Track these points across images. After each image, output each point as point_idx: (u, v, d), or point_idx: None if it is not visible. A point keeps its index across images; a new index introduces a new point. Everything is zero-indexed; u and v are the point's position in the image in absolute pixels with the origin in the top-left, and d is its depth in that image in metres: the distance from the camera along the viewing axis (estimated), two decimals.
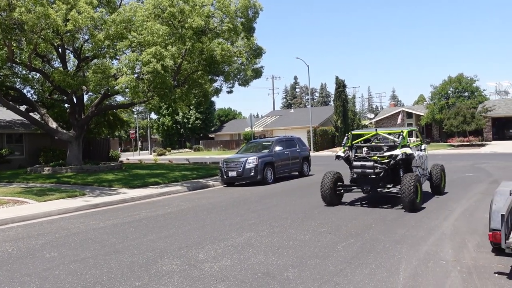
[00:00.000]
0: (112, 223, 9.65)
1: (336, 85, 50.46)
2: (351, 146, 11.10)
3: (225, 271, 5.76)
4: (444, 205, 10.08)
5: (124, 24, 16.24)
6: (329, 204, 10.66)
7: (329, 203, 10.66)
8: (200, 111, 62.25)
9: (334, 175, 10.72)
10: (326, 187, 10.53)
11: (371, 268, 5.66)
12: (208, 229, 8.54)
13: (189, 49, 17.06)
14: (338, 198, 10.84)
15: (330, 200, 10.59)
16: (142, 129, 73.51)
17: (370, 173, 10.25)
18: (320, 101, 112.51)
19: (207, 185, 16.78)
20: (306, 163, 19.38)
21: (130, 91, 16.39)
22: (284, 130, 52.91)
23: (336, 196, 10.74)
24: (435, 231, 7.58)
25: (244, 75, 21.06)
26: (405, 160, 10.31)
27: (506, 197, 5.77)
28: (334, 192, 10.63)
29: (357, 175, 10.63)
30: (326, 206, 10.61)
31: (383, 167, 10.19)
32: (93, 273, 5.90)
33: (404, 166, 10.57)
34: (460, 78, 45.06)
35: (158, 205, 12.28)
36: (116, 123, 28.59)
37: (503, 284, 4.91)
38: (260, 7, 19.86)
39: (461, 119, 39.62)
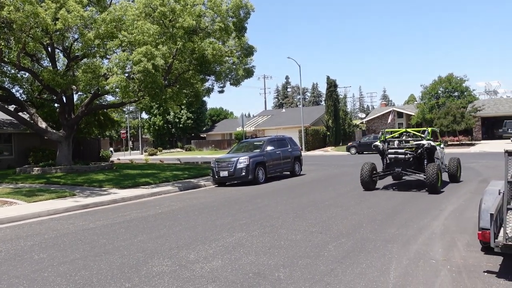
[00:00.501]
0: (102, 224, 9.58)
1: (328, 85, 50.63)
2: (384, 140, 13.80)
3: (216, 271, 5.74)
4: (438, 204, 10.15)
5: (115, 23, 16.13)
6: (366, 188, 13.06)
7: (366, 188, 13.07)
8: (192, 110, 62.04)
9: (370, 165, 13.30)
10: (365, 175, 12.99)
11: (362, 267, 5.67)
12: (199, 229, 8.51)
13: (180, 48, 17.01)
14: (373, 184, 13.33)
15: (367, 185, 13.04)
16: (133, 128, 73.11)
17: (402, 158, 13.05)
18: (311, 100, 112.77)
19: (199, 185, 16.73)
20: (297, 163, 19.41)
21: (121, 91, 16.29)
22: (276, 129, 52.96)
23: (372, 182, 13.21)
24: (425, 230, 7.62)
25: (236, 75, 21.05)
26: (429, 150, 12.92)
27: (495, 197, 5.82)
28: (371, 179, 13.11)
29: (390, 160, 13.37)
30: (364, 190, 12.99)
31: (412, 154, 12.98)
32: (82, 275, 5.84)
33: (428, 156, 13.03)
34: (450, 78, 45.44)
35: (149, 206, 12.21)
36: (107, 123, 28.39)
37: (492, 283, 4.95)
38: (252, 8, 19.84)
39: (451, 118, 39.98)
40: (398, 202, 10.74)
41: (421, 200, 10.91)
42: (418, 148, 12.93)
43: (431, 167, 11.92)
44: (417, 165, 13.17)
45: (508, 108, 45.23)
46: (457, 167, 14.25)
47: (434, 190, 11.77)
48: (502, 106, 46.64)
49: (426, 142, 12.80)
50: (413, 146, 13.12)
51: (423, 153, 12.96)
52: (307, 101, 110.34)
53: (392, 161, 13.33)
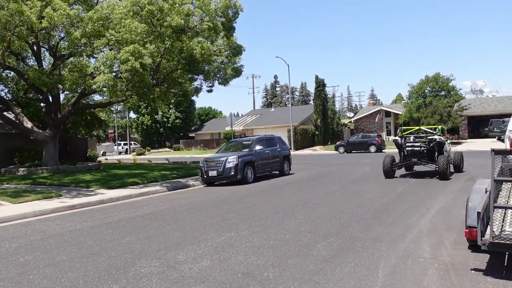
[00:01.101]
0: (89, 225, 9.47)
1: (316, 84, 50.81)
2: (402, 136, 16.37)
3: (205, 272, 5.70)
4: (426, 202, 10.23)
5: (102, 21, 15.95)
6: (388, 176, 15.56)
7: (387, 176, 15.58)
8: (180, 110, 61.78)
9: (391, 157, 15.86)
10: (387, 165, 15.56)
11: (350, 266, 5.68)
12: (187, 229, 8.46)
13: (168, 47, 16.88)
14: (393, 172, 15.76)
15: (388, 174, 15.57)
16: (121, 128, 72.54)
17: (417, 150, 15.60)
18: (300, 100, 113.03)
19: (187, 185, 16.66)
20: (286, 162, 19.43)
21: (108, 90, 16.12)
22: (265, 129, 52.97)
23: (392, 171, 15.66)
24: (413, 228, 7.67)
25: (224, 74, 20.99)
26: (439, 144, 15.46)
27: (481, 195, 5.86)
28: (391, 168, 15.60)
29: (408, 152, 15.87)
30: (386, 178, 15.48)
31: (425, 147, 15.51)
32: (69, 277, 5.76)
33: (438, 149, 15.50)
34: (436, 77, 45.90)
35: (137, 206, 12.11)
36: (94, 122, 28.10)
37: (479, 280, 4.99)
38: (240, 8, 19.79)
39: (437, 117, 40.37)
40: (386, 201, 10.80)
41: (408, 198, 10.99)
42: (431, 142, 15.47)
43: (442, 158, 14.42)
44: (430, 156, 15.58)
45: (493, 107, 45.84)
46: (460, 159, 16.75)
47: (444, 177, 14.23)
48: (488, 105, 47.26)
49: (437, 137, 15.46)
50: (426, 140, 15.72)
51: (434, 146, 15.42)
52: (296, 100, 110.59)
53: (409, 153, 15.84)
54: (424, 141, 15.86)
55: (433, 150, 15.49)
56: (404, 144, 15.99)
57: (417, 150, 15.62)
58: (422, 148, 15.57)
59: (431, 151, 15.53)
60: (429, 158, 15.58)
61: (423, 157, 15.56)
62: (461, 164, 16.82)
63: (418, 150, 15.61)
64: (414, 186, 13.38)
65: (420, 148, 15.60)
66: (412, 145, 15.83)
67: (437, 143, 15.41)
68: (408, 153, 15.88)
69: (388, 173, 15.57)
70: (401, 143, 16.09)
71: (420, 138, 16.47)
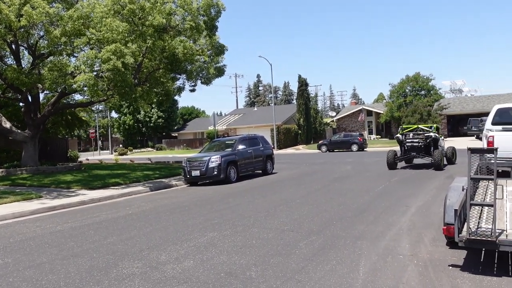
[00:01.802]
0: (70, 226, 9.36)
1: (299, 84, 51.08)
2: (402, 133, 18.99)
3: (188, 272, 5.70)
4: (402, 201, 10.40)
5: (82, 20, 15.76)
6: (391, 168, 17.90)
7: (390, 168, 17.92)
8: (163, 109, 61.39)
9: (393, 152, 18.35)
10: (390, 159, 17.99)
11: (332, 264, 5.76)
12: (170, 230, 8.44)
13: (150, 47, 16.76)
14: (395, 164, 18.14)
15: (391, 166, 17.93)
16: (103, 128, 71.66)
17: (416, 145, 18.24)
18: (283, 99, 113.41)
19: (170, 185, 16.58)
20: (269, 161, 19.50)
21: (89, 90, 15.93)
22: (248, 128, 53.01)
23: (394, 163, 18.07)
24: (393, 226, 7.81)
25: (207, 74, 20.91)
26: (434, 140, 18.02)
27: (459, 193, 6.00)
28: (394, 161, 18.00)
29: (407, 147, 18.51)
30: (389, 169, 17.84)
31: (423, 143, 18.12)
32: (49, 279, 5.70)
33: (433, 145, 18.02)
34: (417, 77, 46.60)
35: (119, 206, 12.02)
36: (75, 122, 27.76)
37: (456, 276, 5.12)
38: (223, 7, 19.76)
39: (418, 116, 41.00)
40: (367, 199, 10.95)
41: (389, 197, 11.16)
42: (427, 138, 18.05)
43: (436, 152, 17.04)
44: (426, 151, 18.13)
45: (472, 107, 46.78)
46: (453, 153, 19.29)
47: (439, 168, 16.77)
48: (467, 105, 48.21)
49: (433, 134, 18.03)
50: (424, 137, 18.20)
51: (430, 142, 18.00)
52: (279, 99, 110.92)
53: (409, 148, 18.50)
54: (421, 137, 18.26)
55: (429, 145, 18.03)
56: (405, 140, 18.59)
57: (415, 145, 18.27)
58: (420, 144, 18.17)
59: (428, 146, 18.10)
60: (426, 152, 18.17)
61: (420, 151, 18.24)
62: (453, 157, 19.26)
63: (416, 145, 18.24)
64: (395, 184, 13.59)
65: (418, 143, 18.21)
66: (411, 141, 18.42)
67: (433, 139, 17.95)
68: (408, 148, 18.55)
69: (391, 165, 18.02)
70: (402, 139, 18.71)
71: (418, 135, 18.64)
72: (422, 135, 18.40)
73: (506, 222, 5.49)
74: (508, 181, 7.77)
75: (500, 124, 11.10)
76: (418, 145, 18.23)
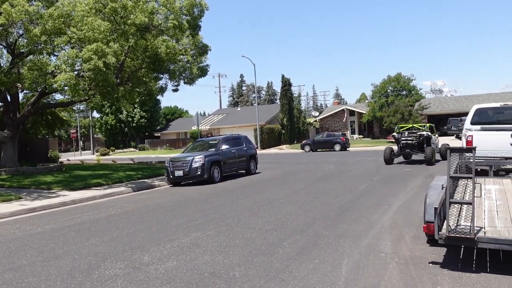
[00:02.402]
0: (51, 228, 9.23)
1: (282, 84, 51.21)
2: (399, 132, 20.96)
3: (171, 272, 5.68)
4: (384, 200, 10.54)
5: (63, 19, 15.54)
6: (387, 163, 19.67)
7: (387, 163, 19.66)
8: (145, 109, 60.88)
9: (390, 149, 20.15)
10: (387, 155, 19.80)
11: (315, 263, 5.80)
12: (153, 230, 8.39)
13: (132, 46, 16.62)
14: (392, 160, 19.85)
15: (388, 161, 19.71)
16: (84, 128, 70.71)
17: (410, 143, 19.87)
18: (266, 99, 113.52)
19: (153, 185, 16.47)
20: (253, 161, 19.52)
21: (70, 89, 15.74)
22: (231, 128, 52.95)
23: (391, 159, 19.77)
24: (375, 224, 7.90)
25: (190, 73, 20.83)
26: (427, 138, 19.64)
27: (438, 191, 6.11)
28: (390, 157, 19.77)
29: (403, 145, 20.10)
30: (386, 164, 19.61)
31: (416, 140, 19.77)
32: (30, 282, 5.61)
33: (426, 142, 19.54)
34: (398, 77, 47.20)
35: (101, 207, 11.89)
36: (55, 122, 27.33)
37: (436, 273, 5.22)
38: (206, 6, 19.73)
39: (399, 116, 41.53)
40: (350, 198, 11.06)
41: (371, 196, 11.29)
42: (420, 136, 19.73)
43: (428, 149, 18.67)
44: (420, 148, 19.73)
45: (452, 106, 47.62)
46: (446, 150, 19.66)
47: (431, 163, 18.28)
48: (447, 104, 49.05)
49: (425, 133, 19.88)
50: (417, 135, 19.90)
51: (423, 140, 19.62)
52: (262, 99, 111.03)
53: (404, 145, 20.12)
54: (415, 136, 19.98)
55: (422, 143, 19.65)
56: (400, 138, 20.35)
57: (409, 143, 19.96)
58: (413, 141, 19.87)
59: (421, 144, 19.71)
60: (419, 149, 19.79)
61: (414, 148, 19.95)
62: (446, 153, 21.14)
63: (410, 143, 19.92)
64: (377, 184, 13.75)
65: (412, 141, 19.91)
66: (405, 139, 20.16)
67: (426, 137, 19.66)
68: (403, 145, 20.18)
69: (387, 161, 19.79)
70: (398, 137, 20.50)
71: (412, 133, 20.36)
72: (416, 134, 20.08)
73: (484, 219, 5.62)
74: (486, 180, 7.96)
75: (479, 123, 11.34)
76: (412, 142, 19.85)
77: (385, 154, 19.96)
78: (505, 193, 6.89)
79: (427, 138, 19.69)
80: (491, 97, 46.89)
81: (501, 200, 6.52)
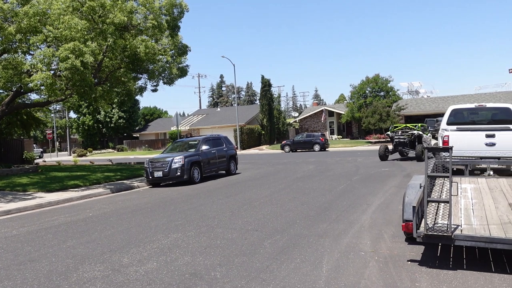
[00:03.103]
0: (27, 230, 9.02)
1: (262, 84, 51.30)
2: (393, 131, 22.86)
3: (151, 274, 5.63)
4: (363, 199, 10.66)
5: (38, 17, 15.20)
6: (382, 159, 21.60)
7: (382, 159, 21.58)
8: (124, 110, 60.14)
9: (385, 146, 22.19)
10: (382, 151, 21.76)
11: (296, 262, 5.83)
12: (133, 231, 8.29)
13: (110, 45, 16.39)
14: (386, 157, 21.84)
15: (382, 157, 21.61)
16: (60, 128, 69.40)
17: (403, 141, 21.75)
18: (246, 99, 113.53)
19: (132, 186, 16.27)
20: (233, 162, 19.49)
21: (46, 89, 15.40)
22: (211, 128, 52.77)
23: (385, 155, 21.75)
24: (355, 224, 7.99)
25: (169, 74, 20.69)
26: (418, 137, 21.32)
27: (416, 190, 6.22)
28: (384, 154, 21.72)
29: (396, 143, 21.96)
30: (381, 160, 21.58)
31: (408, 139, 21.60)
32: (5, 286, 5.47)
33: (418, 140, 21.25)
34: (376, 78, 47.85)
35: (78, 209, 11.68)
36: (31, 122, 26.71)
37: (415, 271, 5.31)
38: (186, 7, 19.62)
39: (377, 117, 42.13)
40: (330, 198, 11.15)
41: (350, 195, 11.40)
42: (412, 135, 21.54)
43: (418, 146, 20.33)
44: (412, 145, 21.59)
45: (428, 107, 48.50)
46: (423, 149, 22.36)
47: (420, 160, 19.58)
48: (423, 105, 49.93)
49: (416, 132, 21.50)
50: (409, 134, 21.67)
51: (415, 138, 21.45)
52: (242, 100, 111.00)
53: (397, 143, 21.98)
54: (408, 134, 21.78)
55: (414, 141, 21.43)
56: (394, 137, 22.26)
57: (402, 141, 21.85)
58: (405, 140, 21.75)
59: (413, 142, 21.54)
60: (411, 146, 21.70)
61: (406, 145, 21.80)
62: None
63: (403, 141, 21.81)
64: (356, 183, 13.90)
65: (404, 139, 21.78)
66: (398, 137, 22.06)
67: (417, 136, 21.42)
68: (396, 143, 22.06)
69: (382, 157, 21.77)
70: (391, 136, 22.51)
71: (405, 132, 22.11)
72: (408, 133, 21.93)
73: (461, 218, 5.74)
74: (462, 179, 8.13)
75: (454, 124, 11.58)
76: (404, 140, 21.76)
77: (380, 151, 21.81)
78: (480, 192, 7.06)
79: (418, 136, 21.25)
80: (465, 98, 47.99)
81: (477, 198, 6.67)
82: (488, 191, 7.09)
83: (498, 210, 6.00)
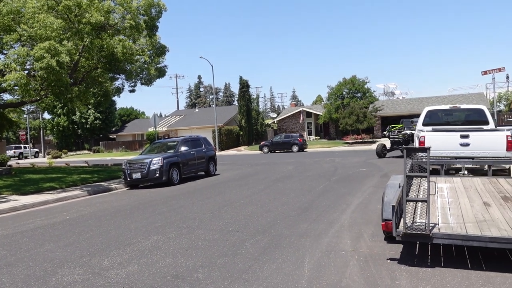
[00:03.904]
0: (1, 234, 8.79)
1: (240, 85, 51.31)
2: (390, 130, 24.70)
3: (132, 277, 5.57)
4: (343, 199, 10.80)
5: (12, 15, 14.86)
6: (379, 157, 23.73)
7: (379, 157, 23.74)
8: (100, 110, 59.12)
9: (382, 144, 24.49)
10: (379, 150, 24.06)
11: (278, 263, 5.86)
12: (112, 234, 8.18)
13: (87, 45, 16.12)
14: (383, 155, 23.89)
15: (379, 155, 23.78)
16: (34, 130, 67.79)
17: (398, 140, 22.84)
18: (224, 100, 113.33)
19: (109, 188, 16.04)
20: (212, 163, 19.44)
21: (20, 89, 15.03)
22: (189, 129, 52.46)
23: (383, 154, 23.86)
24: (335, 223, 8.08)
25: (147, 74, 20.49)
26: (412, 136, 20.31)
27: (395, 190, 6.34)
28: (381, 152, 23.92)
29: (393, 141, 23.27)
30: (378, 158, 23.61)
31: (403, 138, 22.24)
32: None
33: (412, 139, 20.48)
34: (353, 79, 48.51)
35: (55, 212, 11.45)
36: (4, 123, 25.96)
37: (394, 269, 5.41)
38: (164, 7, 19.46)
39: (354, 118, 42.69)
40: (309, 198, 11.24)
41: (330, 195, 11.52)
42: (406, 135, 22.19)
43: (412, 145, 19.18)
44: (406, 144, 21.77)
45: (404, 108, 49.37)
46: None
47: None
48: (399, 106, 50.81)
49: (410, 132, 21.83)
50: (404, 134, 22.57)
51: (409, 137, 21.68)
52: (220, 101, 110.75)
53: (392, 141, 23.51)
54: (403, 134, 22.88)
55: (409, 140, 21.83)
56: (390, 136, 23.99)
57: (397, 140, 23.13)
58: (400, 139, 22.85)
59: (407, 141, 22.04)
60: (406, 145, 21.81)
61: (401, 144, 22.60)
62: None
63: (397, 140, 23.01)
64: (335, 184, 14.06)
65: (399, 138, 22.96)
66: (393, 136, 23.62)
67: (411, 136, 21.70)
68: (392, 142, 23.70)
69: (379, 155, 23.89)
70: (388, 135, 24.41)
71: (400, 132, 23.55)
72: (402, 132, 23.11)
73: (438, 216, 5.89)
74: (438, 178, 8.33)
75: (430, 125, 11.85)
76: (399, 139, 22.97)
77: (377, 149, 24.08)
78: (455, 191, 7.25)
79: (412, 136, 21.71)
80: (439, 99, 49.03)
81: (452, 197, 6.85)
82: (463, 190, 7.29)
83: (474, 209, 6.17)
